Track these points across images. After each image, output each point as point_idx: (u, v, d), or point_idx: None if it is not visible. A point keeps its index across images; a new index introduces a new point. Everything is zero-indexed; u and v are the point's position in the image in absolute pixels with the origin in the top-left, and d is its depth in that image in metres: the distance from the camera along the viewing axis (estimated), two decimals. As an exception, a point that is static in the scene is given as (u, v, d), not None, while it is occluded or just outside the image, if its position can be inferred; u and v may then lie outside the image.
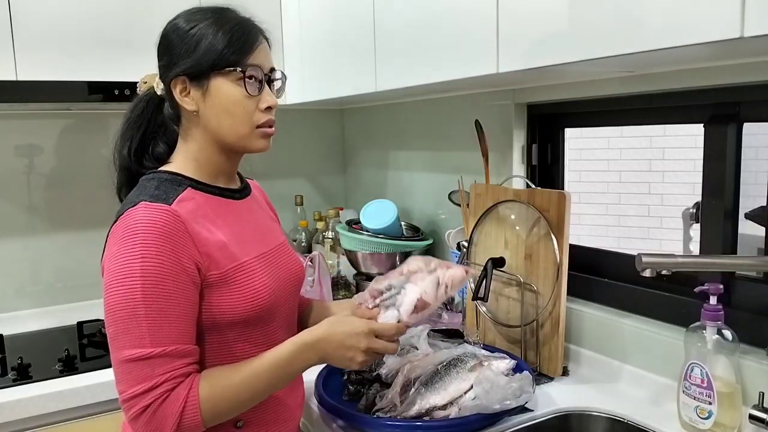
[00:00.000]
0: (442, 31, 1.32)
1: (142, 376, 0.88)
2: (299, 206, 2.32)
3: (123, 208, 0.97)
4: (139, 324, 0.89)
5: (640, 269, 1.03)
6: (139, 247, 0.90)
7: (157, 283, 0.90)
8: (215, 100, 1.01)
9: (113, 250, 0.92)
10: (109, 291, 0.90)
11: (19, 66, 1.61)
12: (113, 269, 0.91)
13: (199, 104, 1.01)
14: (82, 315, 1.81)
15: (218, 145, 1.05)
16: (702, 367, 1.09)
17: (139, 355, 0.88)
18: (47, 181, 1.99)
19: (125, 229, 0.92)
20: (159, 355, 0.89)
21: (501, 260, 1.44)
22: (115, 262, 0.91)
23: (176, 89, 1.02)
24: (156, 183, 1.00)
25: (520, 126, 1.63)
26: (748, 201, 1.26)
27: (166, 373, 0.89)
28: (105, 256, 0.96)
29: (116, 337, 0.90)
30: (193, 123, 1.04)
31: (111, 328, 0.91)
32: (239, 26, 1.02)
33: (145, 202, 0.94)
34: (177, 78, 1.01)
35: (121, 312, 0.89)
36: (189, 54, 0.99)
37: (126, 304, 0.89)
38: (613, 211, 4.07)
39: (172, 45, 1.02)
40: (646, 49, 0.92)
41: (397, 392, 1.17)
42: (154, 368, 0.88)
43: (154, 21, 1.80)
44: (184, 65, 1.00)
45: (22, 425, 1.37)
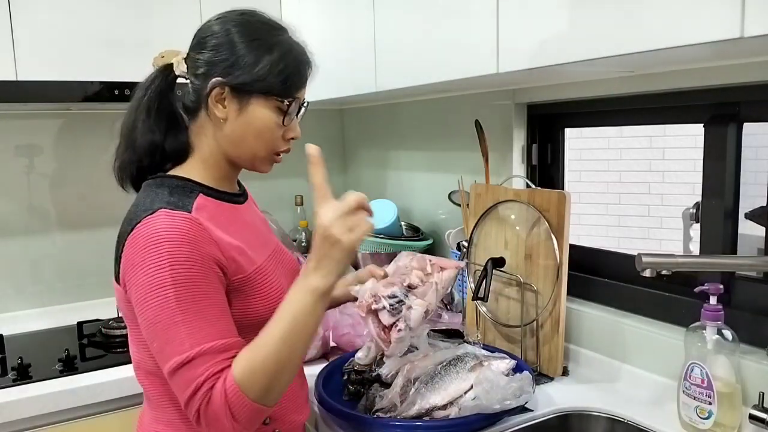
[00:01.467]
0: (443, 30, 1.32)
1: (188, 381, 0.87)
2: (299, 206, 2.32)
3: (137, 215, 0.93)
4: (178, 331, 0.87)
5: (640, 269, 1.03)
6: (166, 255, 0.87)
7: (189, 287, 0.88)
8: (249, 119, 1.00)
9: (137, 261, 0.89)
10: (144, 305, 0.89)
11: (19, 66, 1.61)
12: (142, 282, 0.88)
13: (230, 116, 0.99)
14: (82, 315, 1.81)
15: (228, 154, 1.04)
16: (702, 367, 1.09)
17: (183, 360, 0.87)
18: (47, 181, 1.99)
19: (147, 238, 0.89)
20: (199, 354, 0.87)
21: (501, 260, 1.44)
22: (143, 274, 0.88)
23: (213, 92, 0.98)
24: (168, 189, 0.98)
25: (520, 126, 1.63)
26: (748, 201, 1.26)
27: (205, 372, 0.87)
28: (126, 266, 0.92)
29: (162, 350, 0.89)
30: (211, 126, 1.02)
31: (156, 342, 0.89)
32: (299, 59, 1.02)
33: (164, 210, 0.91)
34: (219, 83, 0.98)
35: (159, 324, 0.88)
36: (246, 68, 0.97)
37: (163, 316, 0.87)
38: (613, 211, 4.07)
39: (231, 47, 0.98)
40: (646, 49, 0.92)
41: (397, 392, 1.17)
42: (195, 369, 0.87)
43: (154, 21, 1.81)
44: (236, 76, 0.97)
45: (22, 425, 1.37)
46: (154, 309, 0.87)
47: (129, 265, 0.91)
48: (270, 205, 2.23)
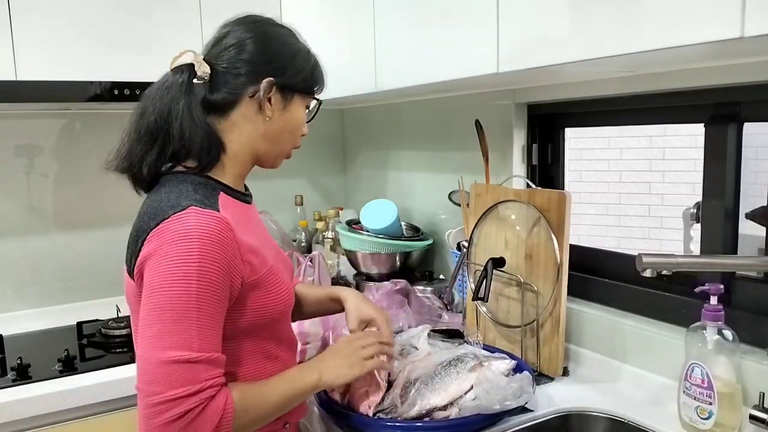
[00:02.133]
0: (443, 30, 1.32)
1: (186, 380, 0.86)
2: (299, 206, 2.32)
3: (163, 211, 0.93)
4: (189, 326, 0.87)
5: (640, 269, 1.03)
6: (197, 252, 0.89)
7: (211, 289, 0.89)
8: (290, 116, 1.08)
9: (163, 251, 0.89)
10: (160, 290, 0.88)
11: (19, 66, 1.61)
12: (166, 269, 0.88)
13: (275, 113, 1.06)
14: (82, 315, 1.81)
15: (256, 151, 1.08)
16: (702, 367, 1.09)
17: (187, 358, 0.86)
18: (47, 181, 1.99)
19: (176, 233, 0.90)
20: (206, 360, 0.88)
21: (501, 260, 1.44)
22: (167, 263, 0.89)
23: (264, 91, 1.03)
24: (191, 186, 0.98)
25: (520, 126, 1.63)
26: (748, 201, 1.26)
27: (210, 380, 0.88)
28: (147, 257, 0.92)
29: (161, 336, 0.87)
30: (250, 123, 1.05)
31: (156, 326, 0.88)
32: (319, 62, 1.13)
33: (194, 207, 0.93)
34: (272, 83, 1.03)
35: (172, 312, 0.87)
36: (293, 69, 1.06)
37: (179, 305, 0.87)
38: (613, 211, 4.07)
39: (275, 50, 1.05)
40: (646, 49, 0.92)
41: (397, 393, 1.17)
42: (199, 373, 0.87)
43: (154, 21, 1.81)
44: (286, 77, 1.05)
45: (22, 425, 1.37)
46: (173, 296, 0.87)
47: (152, 255, 0.91)
48: (270, 205, 2.22)
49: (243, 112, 1.04)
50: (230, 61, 1.03)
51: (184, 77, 1.01)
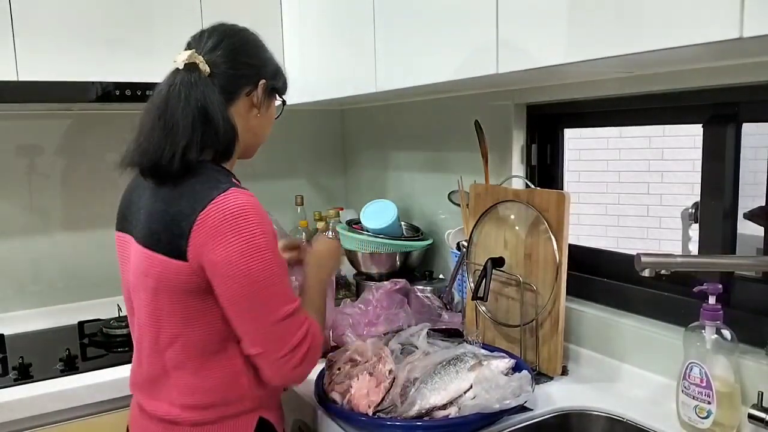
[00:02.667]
0: (443, 31, 1.32)
1: (297, 327, 1.05)
2: (299, 206, 2.32)
3: (206, 194, 1.02)
4: (280, 287, 1.03)
5: (639, 269, 1.03)
6: (257, 224, 1.01)
7: (276, 251, 1.04)
8: (270, 114, 1.23)
9: (225, 229, 0.99)
10: (244, 266, 0.99)
11: (20, 66, 1.61)
12: (239, 247, 0.99)
13: (262, 111, 1.19)
14: (83, 315, 1.81)
15: (245, 143, 1.19)
16: (701, 367, 1.09)
17: (291, 310, 1.04)
18: (47, 181, 2.00)
19: (232, 210, 1.00)
20: (299, 306, 1.07)
21: (500, 260, 1.44)
22: (236, 240, 0.99)
23: (260, 91, 1.16)
24: (214, 173, 1.09)
25: (519, 126, 1.64)
26: (747, 201, 1.26)
27: (306, 318, 1.07)
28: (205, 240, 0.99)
29: (268, 302, 1.02)
30: (242, 119, 1.16)
31: (258, 297, 1.01)
32: None
33: (234, 188, 1.03)
34: (267, 84, 1.17)
35: (264, 281, 1.01)
36: (279, 73, 1.22)
37: (266, 273, 1.01)
38: (612, 211, 4.07)
39: (267, 55, 1.21)
40: (646, 50, 0.92)
41: (397, 392, 1.18)
42: (300, 317, 1.06)
43: (154, 21, 1.81)
44: (275, 80, 1.21)
45: (23, 425, 1.37)
46: (257, 269, 1.00)
47: (213, 237, 1.00)
48: (270, 205, 2.21)
49: (237, 109, 1.15)
50: (231, 63, 1.13)
51: (201, 74, 1.09)
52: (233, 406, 1.10)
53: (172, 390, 1.10)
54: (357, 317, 1.53)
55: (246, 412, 1.11)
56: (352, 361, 1.27)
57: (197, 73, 1.09)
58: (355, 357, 1.27)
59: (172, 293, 1.05)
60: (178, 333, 1.07)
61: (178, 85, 1.07)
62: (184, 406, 1.09)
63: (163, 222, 1.04)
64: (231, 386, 1.09)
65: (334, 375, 1.27)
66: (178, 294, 1.04)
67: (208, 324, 1.06)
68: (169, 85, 1.08)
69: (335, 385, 1.24)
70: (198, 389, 1.08)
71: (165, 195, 1.06)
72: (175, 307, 1.06)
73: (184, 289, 1.03)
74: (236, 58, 1.13)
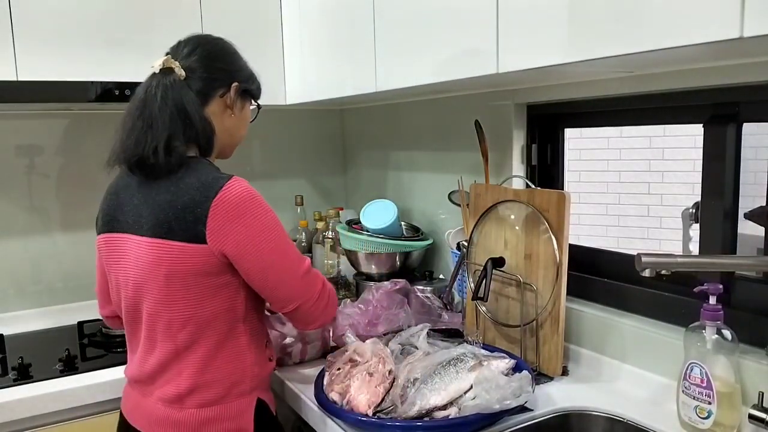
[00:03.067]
0: (442, 31, 1.32)
1: (317, 275, 1.24)
2: (299, 206, 2.32)
3: (213, 183, 1.12)
4: (294, 250, 1.21)
5: (639, 269, 1.03)
6: (264, 205, 1.16)
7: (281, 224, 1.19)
8: (244, 115, 1.33)
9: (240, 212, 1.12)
10: (269, 236, 1.15)
11: (20, 66, 1.61)
12: (257, 225, 1.13)
13: (236, 112, 1.29)
14: (83, 315, 1.81)
15: (222, 142, 1.29)
16: (701, 367, 1.09)
17: (308, 265, 1.23)
18: (47, 181, 1.99)
19: (242, 195, 1.13)
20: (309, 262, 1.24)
21: (501, 260, 1.44)
22: (253, 218, 1.13)
23: (234, 92, 1.26)
24: (212, 167, 1.20)
25: (520, 126, 1.63)
26: (747, 201, 1.26)
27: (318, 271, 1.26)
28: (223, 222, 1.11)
29: (291, 264, 1.19)
30: (218, 120, 1.25)
31: (285, 260, 1.18)
32: None
33: (235, 177, 1.15)
34: (239, 87, 1.27)
35: (285, 247, 1.18)
36: (252, 77, 1.32)
37: (284, 240, 1.18)
38: (612, 211, 4.07)
39: (240, 60, 1.31)
40: (646, 49, 0.92)
41: (397, 393, 1.17)
42: (315, 270, 1.25)
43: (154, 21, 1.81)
44: (248, 83, 1.30)
45: (23, 425, 1.38)
46: (278, 238, 1.17)
47: (231, 219, 1.11)
48: (270, 205, 2.22)
49: (213, 109, 1.24)
50: (206, 68, 1.22)
51: (176, 77, 1.19)
52: (236, 387, 1.19)
53: (183, 371, 1.16)
54: (357, 317, 1.53)
55: (246, 393, 1.20)
56: (352, 362, 1.27)
57: (173, 76, 1.18)
58: (354, 357, 1.27)
59: (185, 276, 1.13)
60: (191, 314, 1.15)
61: (155, 87, 1.17)
62: (191, 387, 1.16)
63: (173, 211, 1.12)
64: (236, 365, 1.19)
65: (334, 375, 1.27)
66: (192, 276, 1.13)
67: (219, 304, 1.15)
68: (146, 88, 1.18)
69: (335, 386, 1.24)
70: (207, 369, 1.16)
71: (169, 187, 1.14)
72: (190, 289, 1.14)
73: (200, 270, 1.13)
74: (210, 63, 1.23)
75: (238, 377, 1.19)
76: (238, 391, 1.19)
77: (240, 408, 1.20)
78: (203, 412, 1.16)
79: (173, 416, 1.16)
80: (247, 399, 1.21)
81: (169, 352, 1.17)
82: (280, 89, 1.98)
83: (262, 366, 1.24)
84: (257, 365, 1.22)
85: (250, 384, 1.21)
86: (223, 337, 1.17)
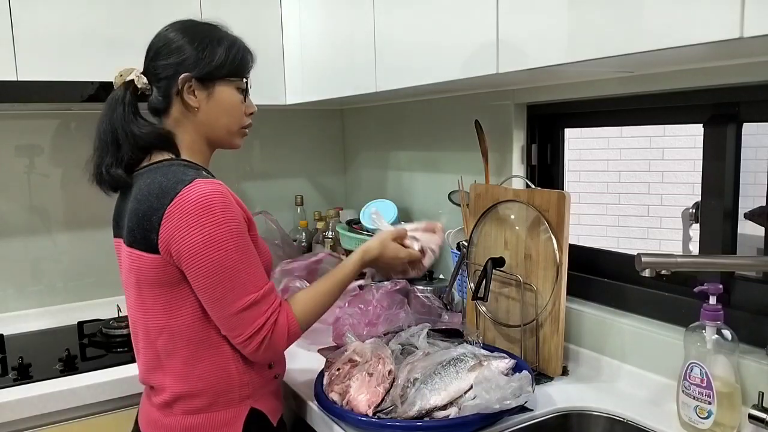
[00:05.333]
0: (442, 31, 1.32)
1: (254, 317, 1.08)
2: (299, 206, 2.32)
3: (170, 188, 1.06)
4: (240, 278, 1.06)
5: (639, 269, 1.03)
6: (220, 213, 1.04)
7: (241, 239, 1.07)
8: (218, 101, 1.18)
9: (189, 222, 1.03)
10: (206, 257, 1.04)
11: (20, 66, 1.61)
12: (201, 238, 1.03)
13: (202, 103, 1.17)
14: (83, 315, 1.81)
15: (206, 138, 1.20)
16: (701, 367, 1.09)
17: (250, 302, 1.07)
18: (47, 181, 1.99)
19: (196, 202, 1.04)
20: (261, 296, 1.08)
21: (501, 260, 1.44)
22: (199, 233, 1.03)
23: (183, 87, 1.15)
24: (180, 168, 1.12)
25: (519, 126, 1.63)
26: (747, 201, 1.26)
27: (268, 308, 1.09)
28: (172, 232, 1.04)
29: (225, 295, 1.06)
30: (187, 117, 1.18)
31: (218, 289, 1.05)
32: (242, 46, 1.22)
33: (198, 179, 1.07)
34: (187, 77, 1.14)
35: (224, 272, 1.05)
36: (204, 60, 1.16)
37: (227, 264, 1.05)
38: (612, 211, 4.07)
39: (183, 48, 1.16)
40: (646, 49, 0.92)
41: (397, 393, 1.17)
42: (261, 307, 1.08)
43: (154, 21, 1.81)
44: (199, 69, 1.15)
45: (23, 425, 1.38)
46: (218, 260, 1.04)
47: (179, 228, 1.04)
48: (270, 205, 2.23)
49: (178, 108, 1.17)
50: (156, 68, 1.18)
51: (120, 92, 1.18)
52: (223, 395, 1.14)
53: (167, 378, 1.15)
54: (357, 317, 1.53)
55: (236, 402, 1.16)
56: (352, 362, 1.27)
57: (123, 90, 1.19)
58: (354, 357, 1.27)
59: (152, 286, 1.11)
60: (163, 324, 1.12)
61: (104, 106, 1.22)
62: (176, 393, 1.14)
63: (137, 219, 1.09)
64: (220, 374, 1.13)
65: (334, 375, 1.26)
66: (157, 286, 1.10)
67: (189, 313, 1.10)
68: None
69: (335, 386, 1.23)
70: (189, 376, 1.13)
71: (137, 193, 1.12)
72: (156, 299, 1.11)
73: (161, 281, 1.09)
74: (157, 61, 1.17)
75: (225, 386, 1.14)
76: (225, 399, 1.14)
77: (227, 417, 1.15)
78: (189, 419, 1.14)
79: (162, 420, 1.15)
80: (236, 408, 1.15)
81: (153, 359, 1.16)
82: (280, 89, 1.98)
83: (255, 374, 1.17)
84: (247, 374, 1.15)
85: (240, 393, 1.15)
86: (201, 346, 1.12)
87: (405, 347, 1.35)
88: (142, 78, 1.18)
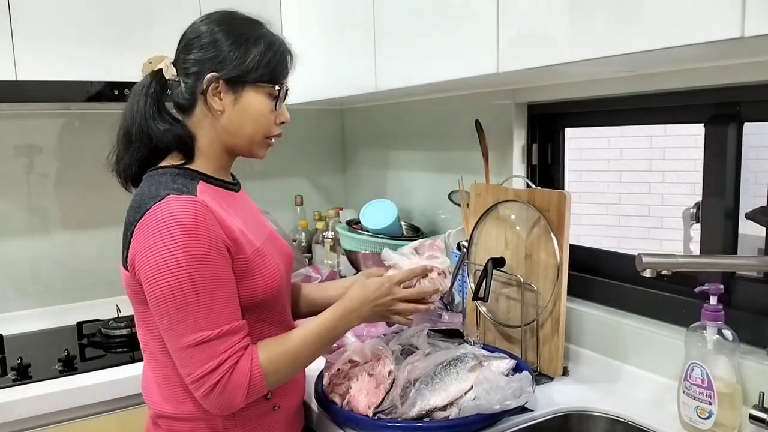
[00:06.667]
0: (442, 30, 1.32)
1: (206, 358, 0.95)
2: (299, 206, 2.32)
3: (145, 203, 0.99)
4: (192, 311, 0.94)
5: (640, 269, 1.03)
6: (179, 237, 0.94)
7: (202, 268, 0.95)
8: (245, 107, 1.07)
9: (149, 243, 0.95)
10: (156, 283, 0.94)
11: (19, 66, 1.61)
12: (155, 262, 0.94)
13: (227, 108, 1.07)
14: (82, 315, 1.81)
15: (225, 145, 1.11)
16: (702, 367, 1.09)
17: (200, 339, 0.94)
18: (47, 181, 1.99)
19: (158, 222, 0.95)
20: (217, 336, 0.95)
21: (501, 260, 1.44)
22: (155, 255, 0.94)
23: (208, 87, 1.05)
24: (170, 178, 1.04)
25: (520, 126, 1.63)
26: (748, 201, 1.26)
27: (226, 351, 0.96)
28: (137, 250, 0.97)
29: (172, 327, 0.95)
30: (209, 119, 1.08)
31: (165, 319, 0.95)
32: (281, 48, 1.11)
33: (172, 195, 0.98)
34: (214, 78, 1.05)
35: (173, 302, 0.94)
36: (237, 61, 1.05)
37: (177, 294, 0.94)
38: (613, 211, 4.07)
39: (214, 44, 1.05)
40: (646, 49, 0.92)
41: (397, 393, 1.17)
42: (215, 348, 0.95)
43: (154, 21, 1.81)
44: (228, 70, 1.05)
45: (22, 425, 1.37)
46: (167, 288, 0.94)
47: (140, 248, 0.96)
48: (270, 205, 2.22)
49: (201, 109, 1.08)
50: (182, 62, 1.08)
51: (146, 81, 1.08)
52: (208, 424, 1.05)
53: (153, 394, 1.10)
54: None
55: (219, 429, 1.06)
56: (352, 362, 1.27)
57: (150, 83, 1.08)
58: (354, 358, 1.27)
59: (133, 302, 1.06)
60: (146, 341, 1.08)
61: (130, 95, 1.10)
62: (158, 412, 1.09)
63: (123, 231, 1.04)
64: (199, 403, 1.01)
65: (334, 376, 1.26)
66: (137, 302, 1.05)
67: None
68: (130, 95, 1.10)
69: (334, 386, 1.23)
70: (169, 399, 1.07)
71: (130, 202, 1.06)
72: (138, 315, 1.07)
73: (139, 298, 1.02)
74: (187, 55, 1.07)
75: (207, 415, 1.03)
76: (207, 425, 1.05)
77: None
78: None
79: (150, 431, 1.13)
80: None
81: (145, 370, 1.13)
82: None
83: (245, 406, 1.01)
84: None
85: (224, 424, 1.05)
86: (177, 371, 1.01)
87: (405, 347, 1.35)
88: (171, 68, 1.08)
